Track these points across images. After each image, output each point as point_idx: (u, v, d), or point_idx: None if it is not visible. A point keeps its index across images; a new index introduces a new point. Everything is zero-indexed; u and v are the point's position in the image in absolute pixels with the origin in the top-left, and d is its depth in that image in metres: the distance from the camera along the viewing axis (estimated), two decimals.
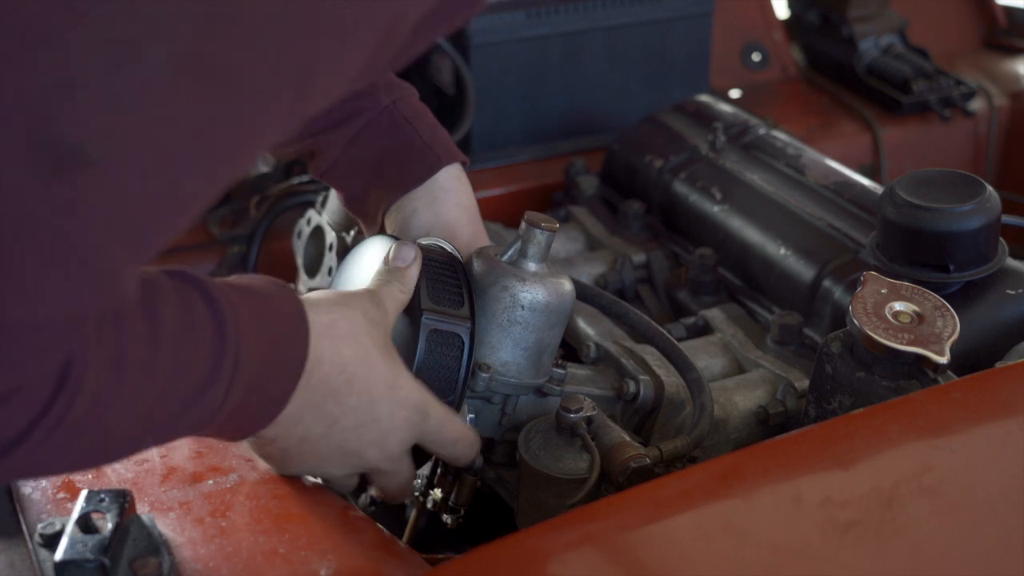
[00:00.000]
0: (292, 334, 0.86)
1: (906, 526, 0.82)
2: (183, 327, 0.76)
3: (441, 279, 1.00)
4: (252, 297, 0.84)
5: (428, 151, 1.11)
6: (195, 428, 0.82)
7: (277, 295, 0.87)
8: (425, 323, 0.97)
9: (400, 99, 1.12)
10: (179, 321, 0.76)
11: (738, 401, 1.18)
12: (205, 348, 0.78)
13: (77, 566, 0.84)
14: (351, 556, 0.87)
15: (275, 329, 0.85)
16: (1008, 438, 0.94)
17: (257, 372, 0.82)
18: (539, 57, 1.72)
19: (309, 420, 0.88)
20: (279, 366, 0.85)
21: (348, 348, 0.89)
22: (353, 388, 0.89)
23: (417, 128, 1.11)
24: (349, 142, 1.11)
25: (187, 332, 0.77)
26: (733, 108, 1.61)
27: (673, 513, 0.85)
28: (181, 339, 0.76)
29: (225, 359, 0.78)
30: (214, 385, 0.78)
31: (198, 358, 0.78)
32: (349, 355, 0.89)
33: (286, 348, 0.86)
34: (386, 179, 1.11)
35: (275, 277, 1.50)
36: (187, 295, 0.78)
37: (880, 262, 1.20)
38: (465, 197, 1.13)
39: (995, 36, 2.21)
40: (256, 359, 0.81)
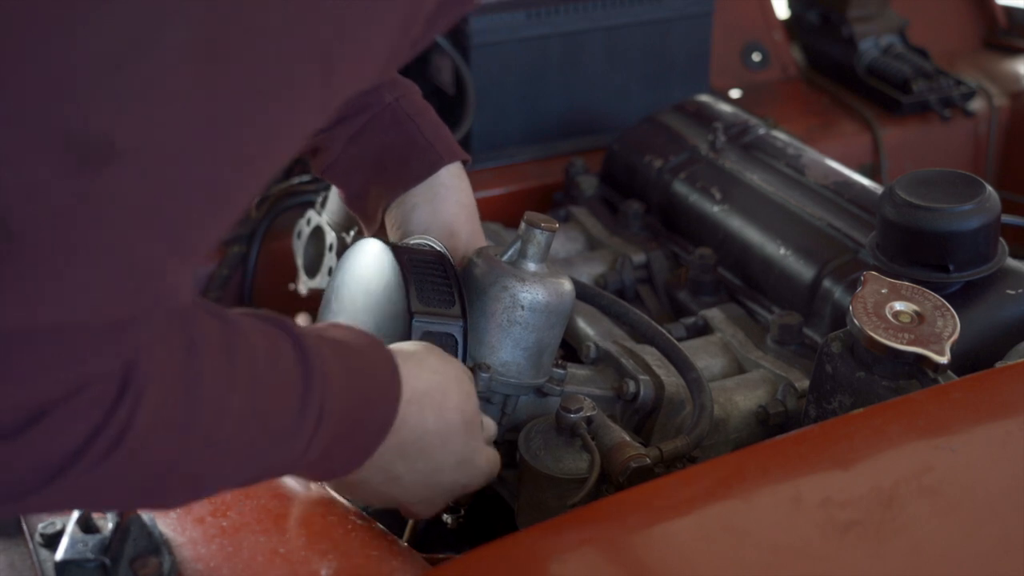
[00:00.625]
0: (382, 398, 0.85)
1: (906, 526, 0.82)
2: (267, 368, 0.74)
3: (430, 279, 0.99)
4: (345, 352, 0.82)
5: (430, 149, 1.11)
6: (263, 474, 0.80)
7: (372, 354, 0.86)
8: (416, 326, 0.97)
9: (403, 96, 1.12)
10: (263, 362, 0.74)
11: (738, 401, 1.18)
12: (289, 396, 0.76)
13: (77, 566, 0.84)
14: (351, 556, 0.87)
15: (365, 390, 0.84)
16: (1008, 438, 0.94)
17: (340, 430, 0.81)
18: (539, 57, 1.72)
19: (373, 472, 0.88)
20: (364, 427, 0.85)
21: (433, 420, 0.89)
22: (424, 456, 0.89)
23: (419, 125, 1.11)
24: (351, 139, 1.11)
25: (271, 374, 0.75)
26: (733, 108, 1.61)
27: (673, 513, 0.86)
28: (262, 380, 0.74)
29: (309, 410, 0.77)
30: (294, 437, 0.77)
31: (280, 405, 0.76)
32: (431, 427, 0.89)
33: (374, 410, 0.85)
34: (387, 176, 1.11)
35: (278, 278, 1.50)
36: (275, 339, 0.76)
37: (880, 262, 1.21)
38: (465, 195, 1.13)
39: (995, 36, 2.21)
40: (341, 417, 0.80)
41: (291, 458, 0.78)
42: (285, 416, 0.76)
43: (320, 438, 0.78)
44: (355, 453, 0.85)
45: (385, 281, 0.99)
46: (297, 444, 0.77)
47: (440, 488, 0.93)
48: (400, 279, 0.98)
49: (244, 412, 0.73)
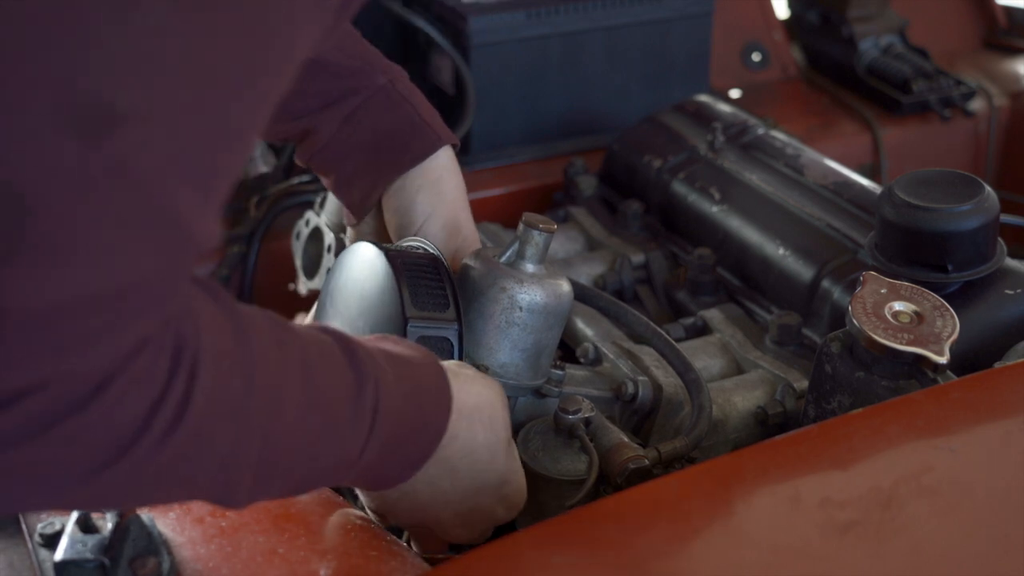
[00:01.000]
0: (434, 406, 0.86)
1: (905, 526, 0.82)
2: (319, 363, 0.75)
3: (424, 283, 0.99)
4: (396, 360, 0.83)
5: (428, 129, 1.10)
6: (320, 477, 0.80)
7: (423, 364, 0.86)
8: (411, 331, 0.96)
9: (396, 79, 1.11)
10: (315, 358, 0.75)
11: (737, 402, 1.18)
12: (342, 393, 0.77)
13: (77, 566, 0.84)
14: (350, 556, 0.87)
15: (418, 396, 0.84)
16: (1008, 438, 0.94)
17: (395, 434, 0.81)
18: (539, 57, 1.72)
19: (421, 486, 0.88)
20: (417, 433, 0.85)
21: (482, 434, 0.89)
22: (472, 471, 0.90)
23: (416, 106, 1.10)
24: (345, 120, 1.09)
25: (323, 370, 0.76)
26: (732, 108, 1.61)
27: (672, 514, 0.85)
28: (315, 375, 0.75)
29: (363, 409, 0.77)
30: (350, 436, 0.77)
31: (334, 401, 0.76)
32: (481, 441, 0.89)
33: (427, 417, 0.85)
34: (383, 158, 1.10)
35: (277, 279, 1.50)
36: (323, 340, 0.77)
37: (879, 262, 1.21)
38: (462, 182, 1.13)
39: (995, 36, 2.21)
40: (396, 421, 0.80)
41: (347, 459, 0.78)
42: (339, 411, 0.76)
43: (375, 440, 0.78)
44: (408, 461, 0.85)
45: (379, 286, 0.99)
46: (352, 444, 0.78)
47: (480, 511, 0.93)
48: (394, 283, 0.98)
49: (299, 404, 0.73)
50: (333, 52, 1.07)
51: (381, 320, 0.98)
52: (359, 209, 1.13)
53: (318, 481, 0.82)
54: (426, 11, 1.73)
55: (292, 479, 0.78)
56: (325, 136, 1.10)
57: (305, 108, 1.08)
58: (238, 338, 0.70)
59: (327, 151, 1.11)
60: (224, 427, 0.69)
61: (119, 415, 0.63)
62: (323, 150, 1.11)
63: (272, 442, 0.73)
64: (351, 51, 1.08)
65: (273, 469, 0.74)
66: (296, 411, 0.73)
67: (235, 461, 0.71)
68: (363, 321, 1.01)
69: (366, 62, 1.09)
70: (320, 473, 0.80)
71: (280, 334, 0.74)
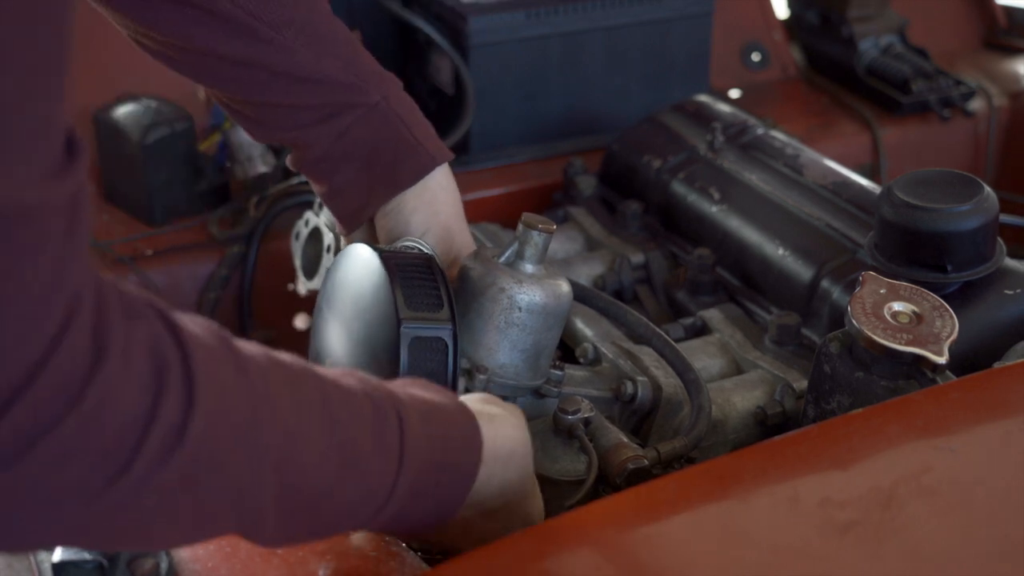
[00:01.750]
0: (464, 447, 0.84)
1: (905, 526, 0.82)
2: (339, 400, 0.75)
3: (418, 283, 0.99)
4: (421, 404, 0.82)
5: (421, 150, 1.10)
6: (348, 518, 0.79)
7: (451, 408, 0.85)
8: (405, 332, 0.96)
9: (390, 94, 1.10)
10: (334, 395, 0.75)
11: (736, 402, 1.18)
12: (364, 428, 0.76)
13: (75, 566, 0.84)
14: (349, 556, 0.87)
15: (446, 438, 0.83)
16: (1007, 438, 0.94)
17: (424, 478, 0.80)
18: (539, 57, 1.72)
19: (453, 529, 0.87)
20: (448, 476, 0.83)
21: (516, 476, 0.88)
22: (505, 511, 0.89)
23: (409, 126, 1.10)
24: (337, 137, 1.09)
25: (343, 406, 0.75)
26: (732, 108, 1.61)
27: (671, 514, 0.85)
28: (335, 411, 0.74)
29: (387, 446, 0.76)
30: (377, 474, 0.76)
31: (357, 436, 0.75)
32: (515, 483, 0.88)
33: (457, 457, 0.84)
34: (377, 177, 1.10)
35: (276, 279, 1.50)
36: (345, 381, 0.77)
37: (878, 262, 1.20)
38: (457, 196, 1.13)
39: (995, 36, 2.21)
40: (424, 465, 0.79)
41: (375, 498, 0.77)
42: (361, 446, 0.75)
43: (404, 478, 0.77)
44: (442, 505, 0.84)
45: (373, 287, 0.99)
46: (379, 482, 0.76)
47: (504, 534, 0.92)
48: (388, 285, 0.98)
49: (317, 439, 0.72)
50: (329, 66, 1.06)
51: (376, 321, 0.98)
52: (350, 222, 1.14)
53: (349, 522, 0.80)
54: (426, 11, 1.73)
55: (320, 517, 0.76)
56: (318, 151, 1.10)
57: (298, 122, 1.08)
58: (240, 371, 0.69)
59: (319, 164, 1.11)
60: (234, 455, 0.68)
61: (101, 430, 0.61)
62: (315, 162, 1.11)
63: (291, 475, 0.71)
64: (346, 64, 1.08)
65: (296, 504, 0.73)
66: (314, 445, 0.72)
67: (251, 492, 0.69)
68: (359, 323, 1.01)
69: (360, 77, 1.08)
70: (348, 512, 0.78)
71: (290, 371, 0.73)
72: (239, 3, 1.01)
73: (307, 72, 1.05)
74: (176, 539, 0.75)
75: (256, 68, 1.04)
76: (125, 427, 0.62)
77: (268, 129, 1.10)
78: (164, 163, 1.58)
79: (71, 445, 0.60)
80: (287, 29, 1.04)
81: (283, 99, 1.07)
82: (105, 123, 1.60)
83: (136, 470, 0.62)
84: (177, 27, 1.02)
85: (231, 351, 0.70)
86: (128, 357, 0.62)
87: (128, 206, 1.63)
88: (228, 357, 0.69)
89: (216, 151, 1.64)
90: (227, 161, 1.64)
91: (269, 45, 1.03)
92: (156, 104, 1.60)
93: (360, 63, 1.09)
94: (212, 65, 1.05)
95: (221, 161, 1.64)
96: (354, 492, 0.76)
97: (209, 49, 1.03)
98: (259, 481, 0.70)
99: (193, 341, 0.66)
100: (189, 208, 1.62)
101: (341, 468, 0.75)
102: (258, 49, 1.03)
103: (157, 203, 1.59)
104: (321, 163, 1.11)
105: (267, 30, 1.03)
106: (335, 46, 1.07)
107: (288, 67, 1.05)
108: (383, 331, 0.97)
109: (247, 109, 1.09)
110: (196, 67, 1.06)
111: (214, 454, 0.66)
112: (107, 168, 1.64)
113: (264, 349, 0.73)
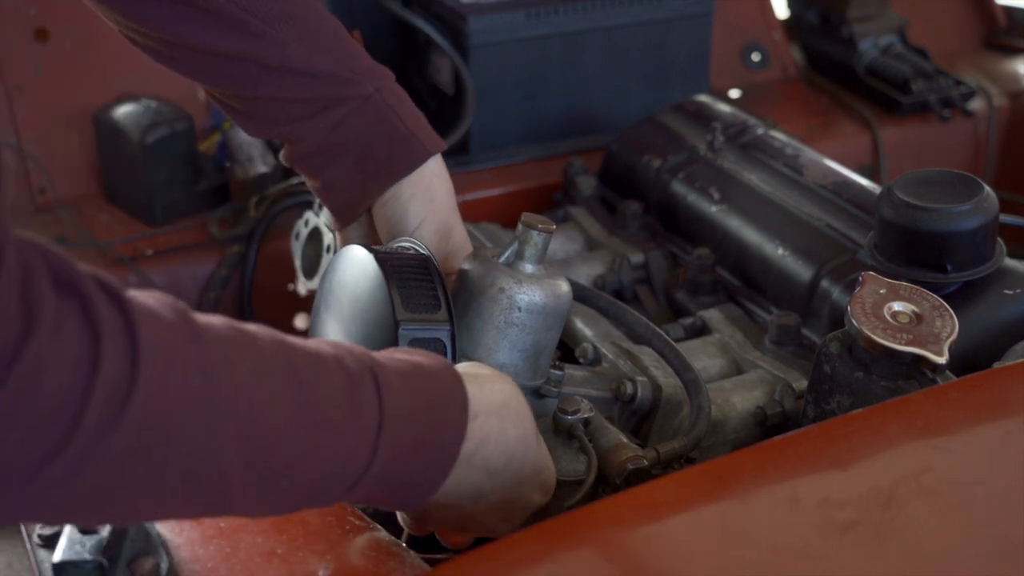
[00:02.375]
0: (449, 407, 0.84)
1: (904, 527, 0.82)
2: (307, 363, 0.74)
3: (414, 284, 0.99)
4: (405, 366, 0.81)
5: (415, 140, 1.10)
6: (333, 483, 0.77)
7: (435, 367, 0.84)
8: (403, 334, 0.96)
9: (383, 86, 1.10)
10: (301, 359, 0.74)
11: (736, 402, 1.18)
12: (337, 392, 0.75)
13: (75, 567, 0.84)
14: (349, 556, 0.87)
15: (430, 395, 0.82)
16: (1007, 438, 0.94)
17: (409, 439, 0.79)
18: (539, 57, 1.72)
19: (462, 492, 0.86)
20: (436, 435, 0.83)
21: (513, 429, 0.88)
22: (509, 468, 0.88)
23: (402, 117, 1.10)
24: (331, 130, 1.09)
25: (312, 368, 0.74)
26: (732, 108, 1.61)
27: (671, 514, 0.85)
28: (302, 372, 0.73)
29: (363, 408, 0.76)
30: (354, 433, 0.75)
31: (328, 401, 0.74)
32: (513, 437, 0.88)
33: (443, 418, 0.83)
34: (371, 169, 1.10)
35: (276, 279, 1.50)
36: (316, 347, 0.76)
37: (878, 262, 1.20)
38: (451, 186, 1.13)
39: (995, 36, 2.21)
40: (408, 424, 0.79)
41: (356, 462, 0.76)
42: (334, 409, 0.74)
43: (385, 441, 0.77)
44: (433, 467, 0.83)
45: (370, 288, 0.99)
46: (358, 445, 0.76)
47: (520, 501, 0.92)
48: (384, 286, 0.97)
49: (285, 403, 0.72)
50: (321, 59, 1.06)
51: (373, 323, 0.98)
52: (345, 215, 1.13)
53: (334, 486, 0.78)
54: (426, 11, 1.73)
55: (296, 482, 0.75)
56: (312, 144, 1.10)
57: (292, 115, 1.08)
58: (193, 339, 0.68)
59: (313, 158, 1.11)
60: (187, 425, 0.67)
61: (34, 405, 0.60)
62: (309, 156, 1.11)
63: (256, 441, 0.71)
64: (338, 57, 1.08)
65: (266, 471, 0.72)
66: (279, 410, 0.72)
67: (210, 461, 0.68)
68: (356, 324, 1.01)
69: (352, 70, 1.08)
70: (329, 475, 0.77)
71: (252, 338, 0.72)
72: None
73: (299, 66, 1.05)
74: (141, 514, 0.74)
75: (248, 62, 1.04)
76: (60, 401, 0.61)
77: (261, 123, 1.10)
78: (164, 163, 1.58)
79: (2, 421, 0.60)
80: (278, 23, 1.04)
81: (275, 93, 1.07)
82: (105, 123, 1.60)
83: (76, 444, 0.62)
84: (168, 22, 1.02)
85: (185, 321, 0.69)
86: (59, 327, 0.61)
87: (128, 206, 1.63)
88: (180, 327, 0.68)
89: (216, 151, 1.64)
90: (227, 161, 1.64)
91: (261, 39, 1.03)
92: (156, 104, 1.60)
93: (352, 56, 1.09)
94: (204, 60, 1.05)
95: (221, 161, 1.64)
96: (330, 454, 0.75)
97: (200, 44, 1.03)
98: (217, 449, 0.69)
99: (140, 310, 0.66)
100: (189, 208, 1.62)
101: (312, 430, 0.74)
102: (250, 43, 1.03)
103: (157, 203, 1.60)
104: (314, 157, 1.10)
105: (258, 24, 1.03)
106: (326, 39, 1.07)
107: (280, 61, 1.05)
108: (381, 332, 0.97)
109: (239, 104, 1.09)
110: (188, 62, 1.06)
111: (164, 425, 0.65)
112: (107, 168, 1.64)
113: (227, 320, 0.72)
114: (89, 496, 0.66)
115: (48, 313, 0.61)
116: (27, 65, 1.64)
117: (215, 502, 0.72)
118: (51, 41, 1.66)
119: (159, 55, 1.06)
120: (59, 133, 1.66)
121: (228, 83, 1.07)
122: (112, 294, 0.65)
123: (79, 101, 1.65)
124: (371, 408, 0.77)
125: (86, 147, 1.66)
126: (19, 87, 1.63)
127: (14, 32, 1.65)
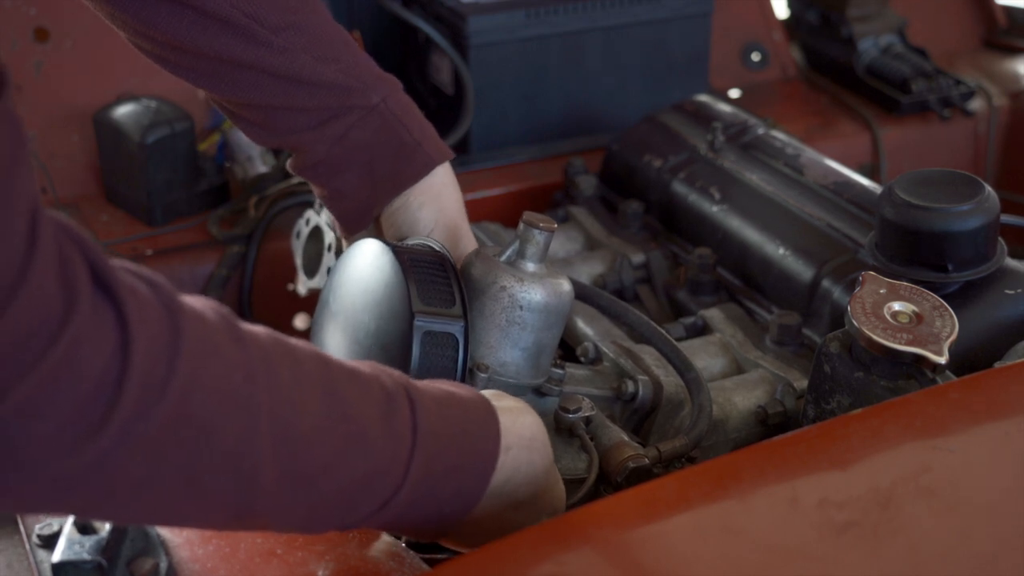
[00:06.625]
0: (482, 437, 0.83)
1: (904, 527, 0.82)
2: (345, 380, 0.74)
3: (431, 279, 0.99)
4: (439, 392, 0.81)
5: (421, 151, 1.10)
6: (362, 501, 0.76)
7: (468, 397, 0.84)
8: (418, 326, 0.96)
9: (389, 96, 1.10)
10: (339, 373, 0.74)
11: (737, 401, 1.18)
12: (373, 409, 0.75)
13: (75, 567, 0.84)
14: (349, 556, 0.87)
15: (463, 425, 0.82)
16: (1006, 438, 0.94)
17: (439, 464, 0.79)
18: (539, 57, 1.72)
19: (485, 520, 0.86)
20: (467, 463, 0.82)
21: (540, 462, 0.88)
22: (533, 498, 0.88)
23: (408, 128, 1.10)
24: (338, 140, 1.09)
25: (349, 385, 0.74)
26: (732, 108, 1.61)
27: (671, 513, 0.85)
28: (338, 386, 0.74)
29: (398, 427, 0.76)
30: (388, 453, 0.75)
31: (363, 416, 0.74)
32: (539, 469, 0.88)
33: (475, 447, 0.83)
34: (378, 178, 1.10)
35: (277, 278, 1.50)
36: (352, 365, 0.76)
37: (879, 262, 1.20)
38: (459, 194, 1.13)
39: (995, 36, 2.21)
40: (441, 448, 0.79)
41: (388, 481, 0.76)
42: (369, 423, 0.74)
43: (418, 461, 0.77)
44: (463, 495, 0.83)
45: (385, 281, 0.99)
46: (391, 463, 0.76)
47: (528, 523, 0.90)
48: (401, 279, 0.98)
49: (319, 413, 0.72)
50: (327, 69, 1.06)
51: (387, 314, 0.99)
52: (352, 224, 1.14)
53: (359, 506, 0.77)
54: (426, 11, 1.73)
55: (326, 496, 0.74)
56: (318, 154, 1.10)
57: (298, 126, 1.08)
58: (236, 340, 0.69)
59: (320, 167, 1.11)
60: (224, 417, 0.67)
61: (74, 382, 0.60)
62: (316, 166, 1.11)
63: (290, 445, 0.70)
64: (345, 66, 1.08)
65: (298, 477, 0.72)
66: (313, 418, 0.72)
67: (247, 456, 0.68)
68: (368, 316, 1.01)
69: (359, 80, 1.08)
70: (357, 491, 0.76)
71: (293, 347, 0.73)
72: (238, 5, 1.01)
73: (306, 75, 1.05)
74: (169, 510, 0.72)
75: (255, 71, 1.04)
76: (99, 380, 0.61)
77: (267, 132, 1.10)
78: (164, 163, 1.58)
79: (41, 398, 0.59)
80: (286, 32, 1.04)
81: (282, 102, 1.07)
82: (105, 123, 1.60)
83: (114, 424, 0.62)
84: (175, 29, 1.02)
85: (229, 323, 0.69)
86: (97, 305, 0.61)
87: (128, 206, 1.63)
88: (224, 326, 0.69)
89: (216, 151, 1.64)
90: (227, 161, 1.64)
91: (268, 48, 1.03)
92: (156, 104, 1.60)
93: (359, 65, 1.09)
94: (210, 68, 1.05)
95: (221, 161, 1.64)
96: (361, 467, 0.75)
97: (207, 51, 1.03)
98: (252, 448, 0.68)
99: (184, 305, 0.66)
100: (189, 208, 1.62)
101: (346, 441, 0.73)
102: (257, 52, 1.03)
103: (157, 203, 1.60)
104: (321, 167, 1.11)
105: (266, 33, 1.03)
106: (333, 49, 1.07)
107: (287, 70, 1.05)
108: (394, 324, 0.98)
109: (246, 112, 1.09)
110: (194, 70, 1.06)
111: (201, 417, 0.65)
112: (107, 168, 1.64)
113: (269, 329, 0.73)
114: (122, 483, 0.65)
115: (87, 292, 0.61)
116: (27, 65, 1.64)
117: (244, 503, 0.71)
118: (51, 41, 1.66)
119: (167, 62, 1.06)
120: (59, 133, 1.66)
121: (234, 91, 1.07)
122: (153, 283, 0.66)
123: (79, 101, 1.65)
124: (405, 427, 0.77)
125: (86, 147, 1.66)
126: (19, 87, 1.63)
127: (14, 32, 1.65)
